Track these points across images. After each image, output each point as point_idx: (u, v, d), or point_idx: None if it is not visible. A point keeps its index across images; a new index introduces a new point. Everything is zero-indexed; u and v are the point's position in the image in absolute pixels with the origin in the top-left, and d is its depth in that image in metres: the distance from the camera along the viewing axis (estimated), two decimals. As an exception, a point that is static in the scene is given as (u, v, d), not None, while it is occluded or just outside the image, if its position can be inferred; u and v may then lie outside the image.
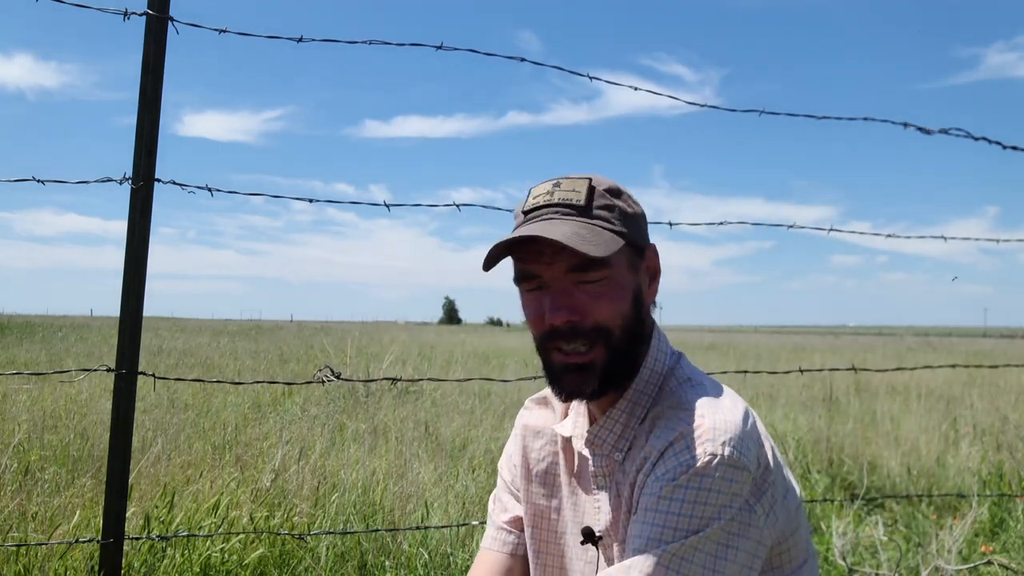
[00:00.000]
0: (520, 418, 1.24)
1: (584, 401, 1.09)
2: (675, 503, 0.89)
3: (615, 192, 1.04)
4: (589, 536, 1.06)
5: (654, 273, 1.09)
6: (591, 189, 1.02)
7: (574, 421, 1.14)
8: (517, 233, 0.99)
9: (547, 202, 1.02)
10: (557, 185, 1.03)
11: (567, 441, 1.15)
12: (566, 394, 1.03)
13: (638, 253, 1.05)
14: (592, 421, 1.10)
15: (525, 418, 1.23)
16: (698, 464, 0.90)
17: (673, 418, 0.97)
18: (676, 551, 0.87)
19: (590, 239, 0.96)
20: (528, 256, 1.01)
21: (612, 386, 1.02)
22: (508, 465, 1.24)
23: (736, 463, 0.90)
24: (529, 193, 1.06)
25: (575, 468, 1.13)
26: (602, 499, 1.06)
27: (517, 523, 1.21)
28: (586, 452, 1.08)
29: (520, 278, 1.04)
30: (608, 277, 1.00)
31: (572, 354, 1.00)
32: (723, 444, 0.91)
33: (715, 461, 0.90)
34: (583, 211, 1.00)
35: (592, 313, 0.99)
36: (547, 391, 1.23)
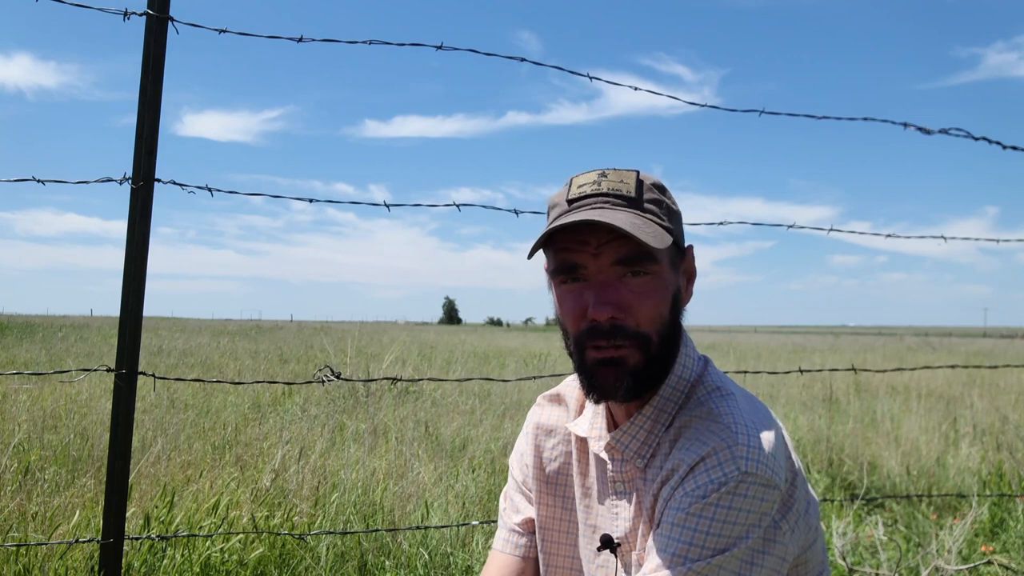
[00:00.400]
0: (532, 415, 1.20)
1: (609, 402, 1.05)
2: (704, 520, 0.88)
3: (661, 188, 1.01)
4: (608, 543, 1.04)
5: (691, 275, 1.06)
6: (640, 182, 0.98)
7: (590, 421, 1.10)
8: (572, 218, 0.93)
9: (595, 191, 0.97)
10: (604, 175, 0.98)
11: (582, 442, 1.12)
12: (600, 392, 0.97)
13: (680, 253, 1.02)
14: (612, 424, 1.07)
15: (537, 415, 1.20)
16: (730, 483, 0.88)
17: (704, 430, 0.94)
18: (701, 570, 0.86)
19: (646, 230, 0.92)
20: (571, 245, 0.95)
21: (645, 388, 0.98)
22: (520, 464, 1.21)
23: (768, 482, 0.89)
24: (571, 182, 1.00)
25: (590, 470, 1.10)
26: (620, 505, 1.04)
27: (529, 524, 1.18)
28: (604, 455, 1.05)
29: (560, 269, 0.97)
30: (655, 274, 0.95)
31: (607, 349, 0.95)
32: (756, 462, 0.89)
33: (747, 480, 0.88)
34: (634, 202, 0.96)
35: (636, 313, 0.94)
36: (560, 388, 1.20)
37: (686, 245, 1.05)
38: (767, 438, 0.92)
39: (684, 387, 1.01)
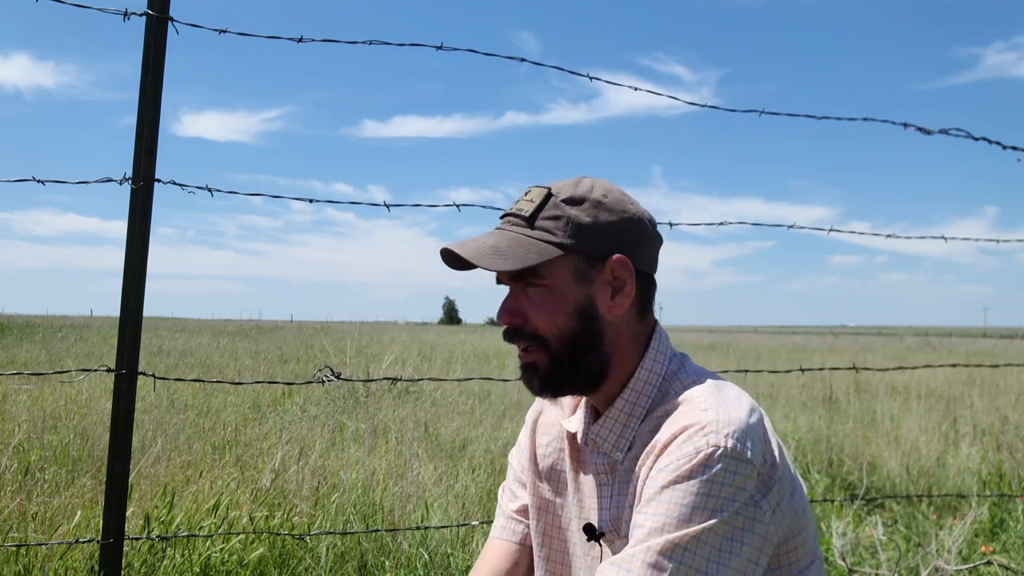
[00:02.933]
0: (531, 412, 1.26)
1: (586, 396, 1.12)
2: (677, 493, 0.89)
3: (575, 201, 1.04)
4: (590, 532, 1.07)
5: (620, 285, 1.05)
6: (545, 200, 1.05)
7: (580, 417, 1.15)
8: (450, 243, 1.06)
9: (508, 211, 1.09)
10: (527, 194, 1.09)
11: (572, 436, 1.16)
12: (528, 389, 1.09)
13: (592, 263, 1.04)
14: (595, 417, 1.11)
15: (536, 412, 1.25)
16: (702, 455, 0.89)
17: (678, 414, 0.98)
18: (679, 541, 0.87)
19: (506, 252, 1.01)
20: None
21: (559, 390, 1.06)
22: (518, 457, 1.25)
23: (740, 456, 0.90)
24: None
25: (579, 463, 1.14)
26: (603, 495, 1.07)
27: (526, 512, 1.22)
28: (587, 447, 1.10)
29: (497, 279, 1.11)
30: (547, 286, 1.03)
31: (522, 353, 1.08)
32: (727, 436, 0.90)
33: (718, 453, 0.89)
34: (528, 221, 1.05)
35: (531, 319, 1.05)
36: None
37: (612, 254, 1.04)
38: (740, 418, 0.94)
39: (656, 380, 1.05)
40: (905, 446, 5.04)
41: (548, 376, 1.05)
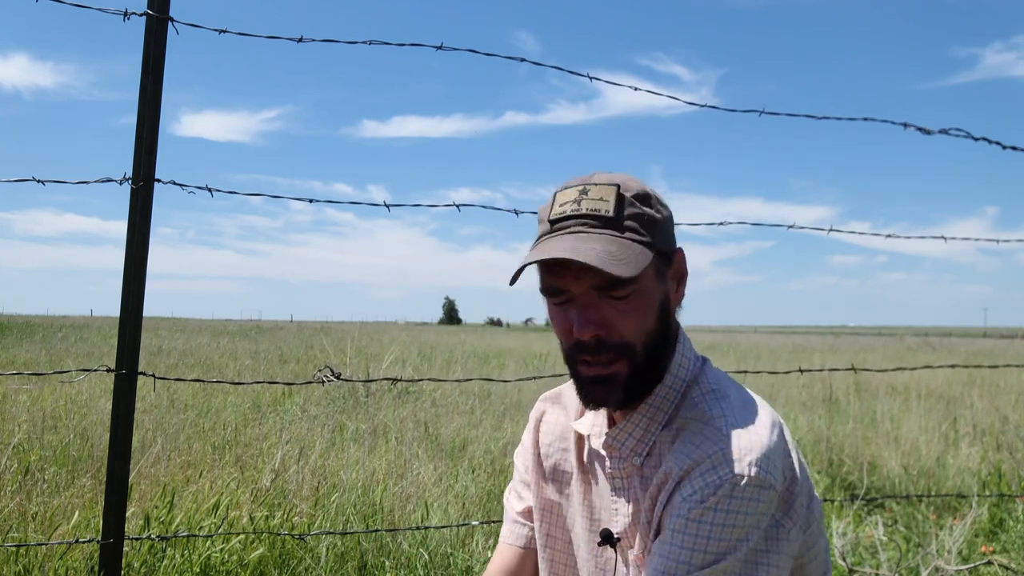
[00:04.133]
0: (535, 412, 1.24)
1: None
2: (704, 526, 0.89)
3: (643, 198, 1.00)
4: (608, 538, 1.06)
5: (681, 277, 1.06)
6: (620, 198, 0.97)
7: (592, 420, 1.13)
8: (544, 252, 0.95)
9: (574, 212, 0.98)
10: (584, 192, 0.99)
11: (582, 439, 1.14)
12: (593, 403, 1.02)
13: (665, 260, 1.02)
14: (611, 422, 1.09)
15: (539, 412, 1.24)
16: (726, 485, 0.90)
17: (698, 433, 0.96)
18: None
19: (620, 257, 0.93)
20: (555, 269, 0.98)
21: (637, 396, 1.01)
22: (523, 456, 1.24)
23: (763, 483, 0.90)
24: (554, 199, 1.02)
25: (589, 467, 1.13)
26: (619, 502, 1.06)
27: (530, 514, 1.21)
28: (603, 452, 1.08)
29: (546, 291, 1.01)
30: (635, 292, 0.97)
31: (596, 365, 0.99)
32: (750, 464, 0.90)
33: (743, 482, 0.89)
34: (612, 223, 0.96)
35: (619, 328, 0.97)
36: (560, 389, 1.23)
37: (676, 248, 1.05)
38: (761, 440, 0.93)
39: (680, 386, 1.03)
40: (905, 446, 5.04)
41: (630, 385, 0.99)
